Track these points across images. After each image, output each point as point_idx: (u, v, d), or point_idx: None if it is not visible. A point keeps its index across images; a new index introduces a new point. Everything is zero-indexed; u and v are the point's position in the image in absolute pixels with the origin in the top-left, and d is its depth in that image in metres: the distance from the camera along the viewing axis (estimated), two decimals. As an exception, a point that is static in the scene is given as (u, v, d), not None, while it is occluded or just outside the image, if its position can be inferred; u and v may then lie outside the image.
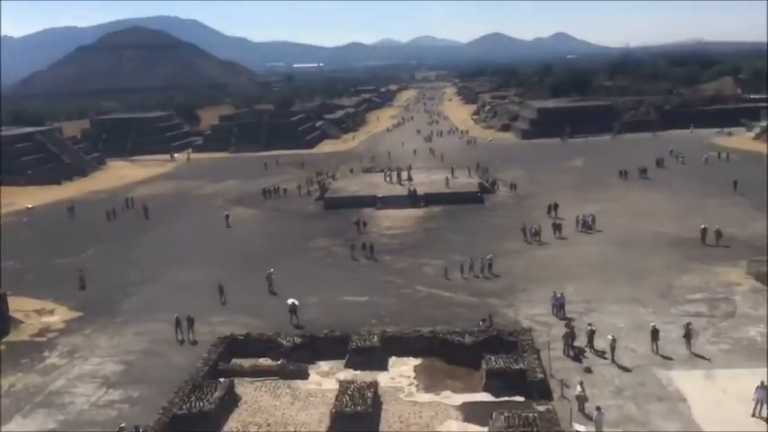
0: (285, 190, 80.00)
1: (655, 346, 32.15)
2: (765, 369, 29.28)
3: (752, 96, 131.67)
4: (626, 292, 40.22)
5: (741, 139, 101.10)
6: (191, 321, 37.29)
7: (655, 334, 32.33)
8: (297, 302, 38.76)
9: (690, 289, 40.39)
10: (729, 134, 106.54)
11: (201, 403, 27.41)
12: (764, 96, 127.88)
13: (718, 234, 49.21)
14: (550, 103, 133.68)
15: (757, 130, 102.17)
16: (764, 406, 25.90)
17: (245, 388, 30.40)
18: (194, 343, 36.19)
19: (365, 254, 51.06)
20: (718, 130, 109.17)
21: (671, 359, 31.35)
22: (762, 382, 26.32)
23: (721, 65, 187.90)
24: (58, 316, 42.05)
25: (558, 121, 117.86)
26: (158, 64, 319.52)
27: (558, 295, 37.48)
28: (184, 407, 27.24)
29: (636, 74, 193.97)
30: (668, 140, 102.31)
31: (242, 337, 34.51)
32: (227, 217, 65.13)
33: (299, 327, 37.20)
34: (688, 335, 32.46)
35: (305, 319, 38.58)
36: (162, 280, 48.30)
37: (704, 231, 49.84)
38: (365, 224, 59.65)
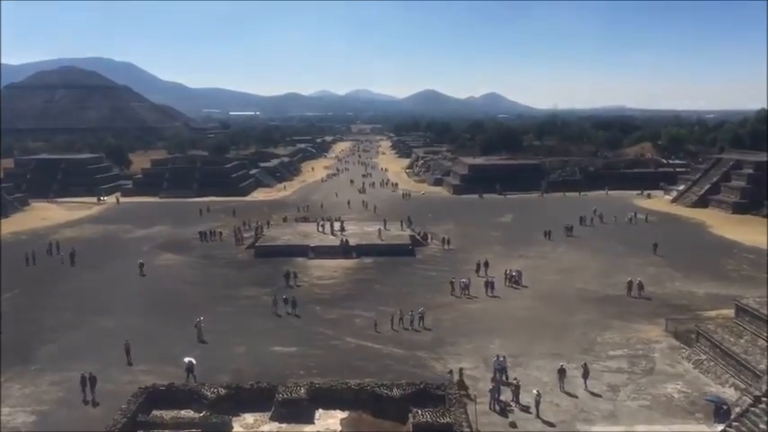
0: (221, 233, 79.88)
1: (561, 385, 34.76)
2: (681, 426, 30.17)
3: (670, 161, 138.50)
4: (551, 347, 40.91)
5: (659, 202, 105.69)
6: (93, 380, 34.67)
7: (562, 373, 35.05)
8: (194, 361, 36.99)
9: (611, 345, 41.43)
10: (648, 196, 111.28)
11: (118, 457, 26.13)
12: (681, 162, 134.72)
13: (641, 287, 52.53)
14: (481, 160, 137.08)
15: (674, 193, 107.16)
16: None
17: (165, 441, 29.19)
18: (95, 404, 33.74)
19: (287, 309, 49.43)
20: (638, 192, 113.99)
21: (593, 415, 31.90)
22: None
23: (642, 130, 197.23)
24: (-32, 363, 39.76)
25: (488, 178, 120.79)
26: (91, 105, 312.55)
27: (501, 359, 36.62)
28: (99, 461, 25.90)
29: (563, 135, 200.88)
30: (592, 200, 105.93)
31: (164, 388, 33.28)
32: (141, 266, 62.82)
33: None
34: (585, 374, 35.04)
35: (231, 369, 37.69)
36: (83, 327, 46.45)
37: (630, 284, 52.92)
38: (296, 276, 58.47)
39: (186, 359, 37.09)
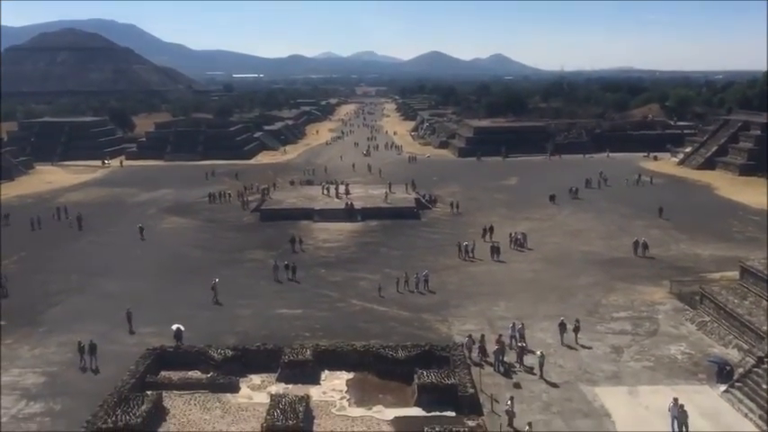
0: (230, 195, 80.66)
1: (561, 338, 36.11)
2: (684, 386, 30.45)
3: (677, 123, 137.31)
4: (555, 309, 41.09)
5: (666, 164, 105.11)
6: (93, 348, 34.26)
7: (562, 327, 36.37)
8: (182, 327, 36.73)
9: (616, 307, 41.63)
10: (655, 159, 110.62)
11: (128, 417, 26.57)
12: (689, 124, 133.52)
13: (645, 246, 53.06)
14: (487, 123, 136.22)
15: (681, 155, 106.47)
16: (676, 422, 26.82)
17: (173, 401, 29.66)
18: (96, 371, 33.54)
19: (287, 275, 49.07)
20: (644, 154, 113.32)
21: (596, 375, 32.19)
22: (674, 400, 27.30)
23: (649, 92, 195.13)
24: (-23, 325, 40.22)
25: (494, 140, 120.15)
26: (93, 67, 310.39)
27: (519, 326, 36.27)
28: (109, 420, 26.33)
29: (570, 97, 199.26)
30: (598, 163, 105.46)
31: (171, 349, 33.71)
32: (141, 230, 62.75)
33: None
34: (576, 329, 36.33)
35: (237, 331, 38.08)
36: (89, 290, 46.82)
37: (635, 244, 53.54)
38: (301, 242, 58.35)
39: (174, 326, 36.78)
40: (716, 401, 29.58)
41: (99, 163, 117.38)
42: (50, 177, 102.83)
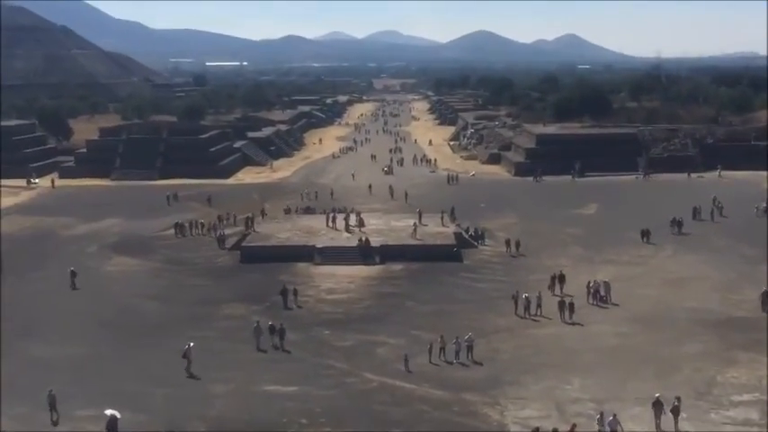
0: (203, 226, 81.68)
1: (657, 424, 36.10)
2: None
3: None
4: (651, 389, 40.46)
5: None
6: None
7: (658, 407, 36.42)
8: (118, 415, 36.12)
9: (736, 387, 41.05)
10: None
11: None
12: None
13: None
14: (554, 129, 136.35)
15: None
16: None
17: None
18: None
19: (273, 341, 48.75)
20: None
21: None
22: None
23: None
24: None
25: (564, 153, 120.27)
26: (18, 53, 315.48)
27: (610, 418, 35.18)
28: None
29: (670, 94, 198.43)
30: (710, 185, 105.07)
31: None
32: (72, 275, 63.03)
33: None
34: (675, 410, 36.27)
35: (209, 416, 38.02)
36: (6, 356, 47.01)
37: (765, 298, 52.71)
38: (296, 292, 58.13)
39: (108, 412, 36.29)
40: None
41: (23, 182, 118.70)
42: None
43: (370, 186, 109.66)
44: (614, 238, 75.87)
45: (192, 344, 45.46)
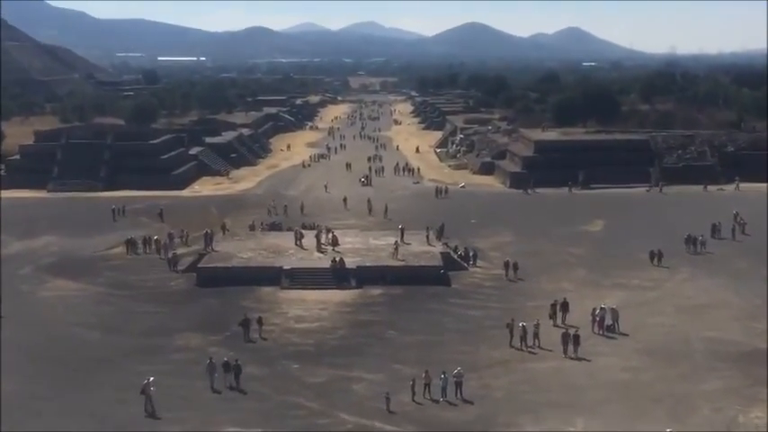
0: (157, 241, 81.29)
1: None
2: None
3: None
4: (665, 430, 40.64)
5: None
6: None
7: None
8: None
9: (761, 429, 41.08)
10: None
11: None
12: None
13: None
14: (555, 135, 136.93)
15: None
16: None
17: None
18: None
19: (227, 381, 48.38)
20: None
21: None
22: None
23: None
24: None
25: (565, 162, 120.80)
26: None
27: None
28: None
29: (685, 95, 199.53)
30: (731, 198, 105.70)
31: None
32: None
33: None
34: None
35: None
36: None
37: None
38: (261, 321, 57.89)
39: None
40: None
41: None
42: None
43: (345, 199, 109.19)
44: (623, 259, 76.05)
45: (151, 378, 45.23)
